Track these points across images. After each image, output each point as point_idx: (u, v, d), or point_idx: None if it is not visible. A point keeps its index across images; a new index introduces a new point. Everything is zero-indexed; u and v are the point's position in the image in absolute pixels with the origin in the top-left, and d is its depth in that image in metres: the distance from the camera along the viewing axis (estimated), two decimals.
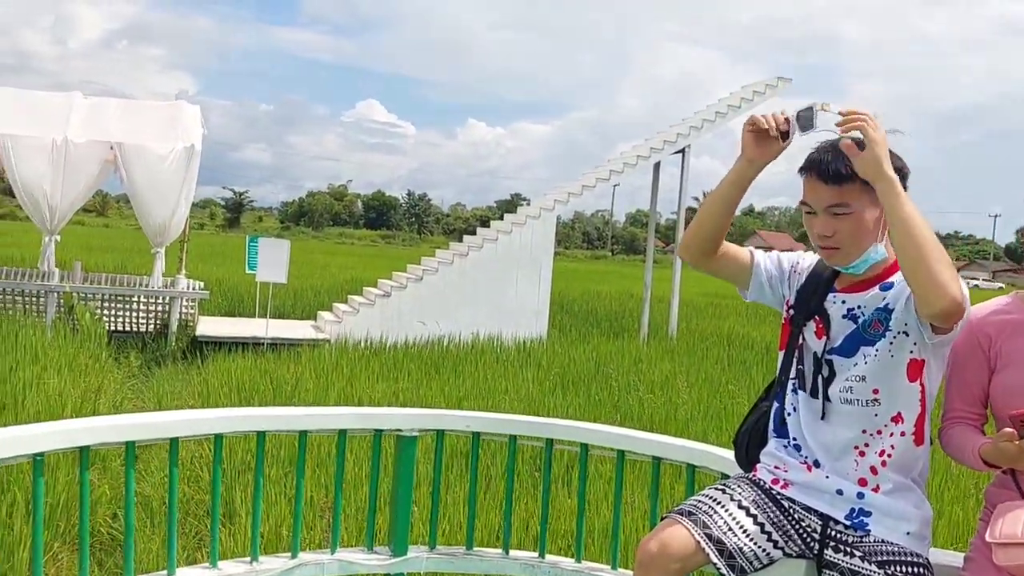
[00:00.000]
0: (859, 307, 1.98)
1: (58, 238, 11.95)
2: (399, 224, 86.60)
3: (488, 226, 15.09)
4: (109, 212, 67.76)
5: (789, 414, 2.11)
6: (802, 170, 1.96)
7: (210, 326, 12.50)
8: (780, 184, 47.48)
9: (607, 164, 16.44)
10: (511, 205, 71.76)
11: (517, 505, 4.75)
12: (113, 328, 11.94)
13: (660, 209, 18.95)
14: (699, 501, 2.02)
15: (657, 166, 15.83)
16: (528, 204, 16.21)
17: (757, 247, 2.20)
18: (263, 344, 11.57)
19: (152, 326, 12.44)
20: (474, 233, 15.16)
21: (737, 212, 2.15)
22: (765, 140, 1.94)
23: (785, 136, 1.91)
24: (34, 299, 11.74)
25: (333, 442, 3.49)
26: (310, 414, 2.92)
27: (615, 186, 16.84)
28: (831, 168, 1.87)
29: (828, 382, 2.01)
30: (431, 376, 9.75)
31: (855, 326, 1.99)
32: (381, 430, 2.92)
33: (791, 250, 2.24)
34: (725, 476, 2.46)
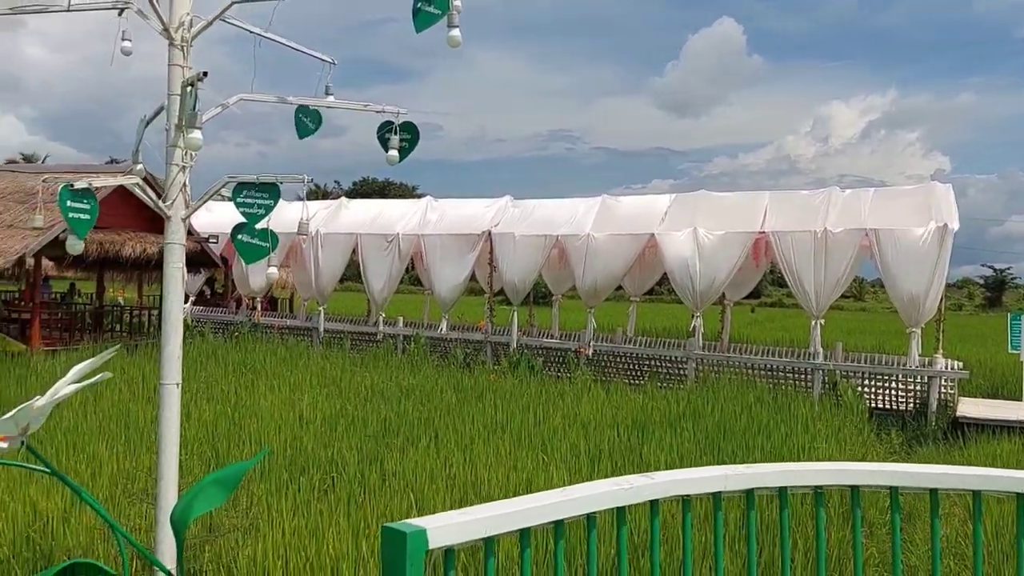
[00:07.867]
0: None
1: (823, 322, 13.19)
2: None
3: None
4: (865, 297, 69.92)
5: None
6: None
7: (971, 407, 12.06)
8: None
9: None
10: None
11: None
12: (873, 405, 12.52)
13: None
14: None
15: None
16: None
17: None
18: None
19: (911, 405, 12.60)
20: None
21: None
22: None
23: None
24: (802, 376, 13.15)
25: None
26: None
27: None
28: None
29: None
30: None
31: None
32: None
33: None
34: None
